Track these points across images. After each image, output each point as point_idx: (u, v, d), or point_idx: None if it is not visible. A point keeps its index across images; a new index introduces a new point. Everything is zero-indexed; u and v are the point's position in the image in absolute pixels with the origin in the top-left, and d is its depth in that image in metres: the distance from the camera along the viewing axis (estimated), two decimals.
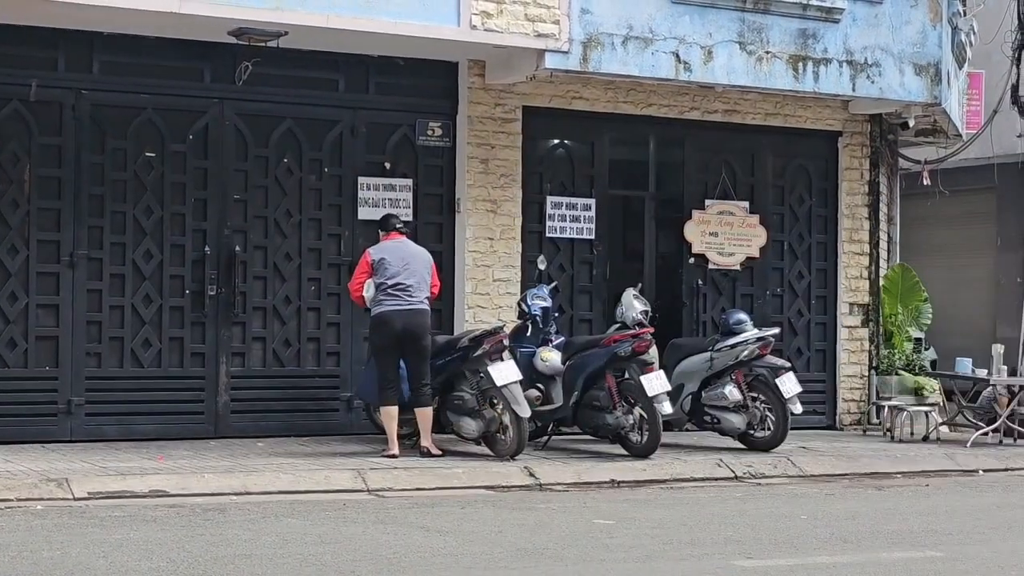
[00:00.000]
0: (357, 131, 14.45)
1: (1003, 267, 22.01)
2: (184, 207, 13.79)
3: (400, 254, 12.81)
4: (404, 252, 12.85)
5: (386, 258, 12.75)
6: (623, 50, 14.23)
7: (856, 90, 15.52)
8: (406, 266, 12.75)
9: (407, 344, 12.72)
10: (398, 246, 12.91)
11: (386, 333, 12.70)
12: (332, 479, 11.53)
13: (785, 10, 14.99)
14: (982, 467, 14.21)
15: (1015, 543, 9.76)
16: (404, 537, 9.30)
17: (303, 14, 12.83)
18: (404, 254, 12.83)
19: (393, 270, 12.69)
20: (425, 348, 12.84)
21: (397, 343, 12.70)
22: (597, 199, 15.54)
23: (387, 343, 12.72)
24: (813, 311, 16.73)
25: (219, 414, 13.85)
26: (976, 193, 22.01)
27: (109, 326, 13.51)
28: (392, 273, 12.68)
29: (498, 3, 13.54)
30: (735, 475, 12.97)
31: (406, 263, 12.76)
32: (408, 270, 12.74)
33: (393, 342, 12.70)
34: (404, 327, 12.64)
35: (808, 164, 16.75)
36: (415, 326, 12.70)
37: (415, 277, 12.76)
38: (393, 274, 12.68)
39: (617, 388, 13.18)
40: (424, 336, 12.81)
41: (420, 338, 12.76)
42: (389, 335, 12.69)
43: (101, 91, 13.45)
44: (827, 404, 16.77)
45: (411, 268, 12.76)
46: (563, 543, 9.20)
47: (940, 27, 15.95)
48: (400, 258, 12.77)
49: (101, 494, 10.62)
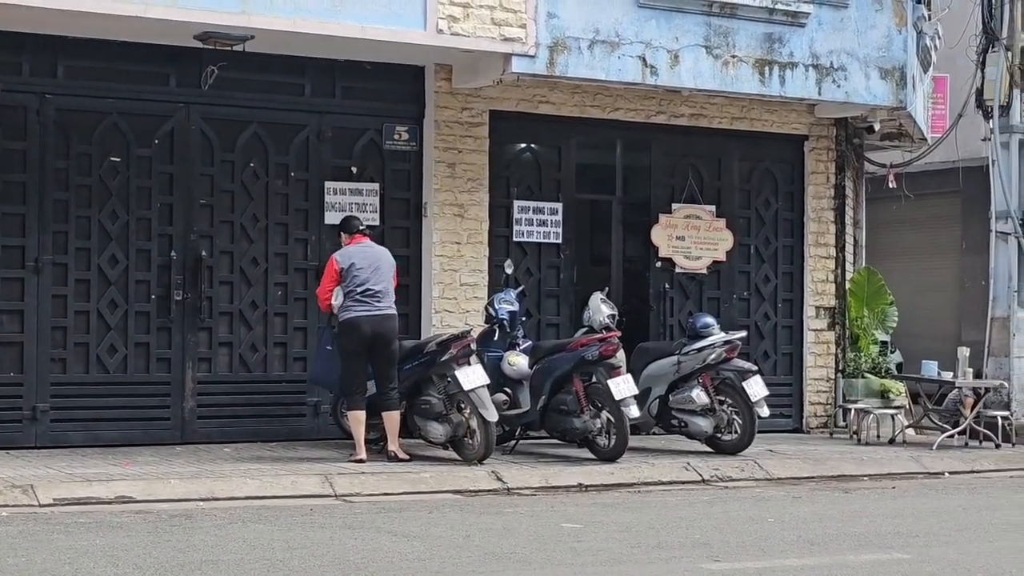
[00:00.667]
0: (324, 135, 14.43)
1: (968, 270, 22.12)
2: (150, 212, 13.73)
3: (367, 259, 12.78)
4: (371, 256, 12.83)
5: (355, 263, 12.72)
6: (590, 54, 14.24)
7: (822, 94, 15.57)
8: (375, 271, 12.73)
9: (376, 349, 12.71)
10: (364, 250, 12.87)
11: (355, 338, 12.68)
12: (299, 484, 11.51)
13: (751, 14, 15.03)
14: (948, 469, 14.28)
15: (981, 545, 9.81)
16: (371, 542, 9.29)
17: (269, 18, 12.80)
18: (371, 258, 12.80)
19: (363, 276, 12.67)
20: (393, 353, 12.82)
21: (366, 348, 12.69)
22: (564, 203, 15.55)
23: (356, 348, 12.70)
24: (780, 314, 16.78)
25: (185, 420, 13.80)
26: (941, 197, 22.12)
27: (74, 332, 13.44)
28: (362, 280, 12.66)
29: (464, 7, 13.54)
30: (702, 478, 12.99)
31: (374, 267, 12.74)
32: (377, 274, 12.73)
33: (362, 347, 12.68)
34: (373, 332, 12.63)
35: (774, 168, 16.80)
36: (385, 331, 12.69)
37: (383, 282, 12.75)
38: (363, 280, 12.66)
39: (584, 392, 13.19)
40: (393, 341, 12.79)
41: (389, 343, 12.75)
42: (358, 340, 12.67)
43: (66, 95, 13.39)
44: (794, 407, 16.82)
45: (380, 272, 12.76)
46: (531, 547, 9.20)
47: (905, 31, 16.02)
48: (368, 263, 12.75)
49: (67, 500, 10.57)
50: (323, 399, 14.18)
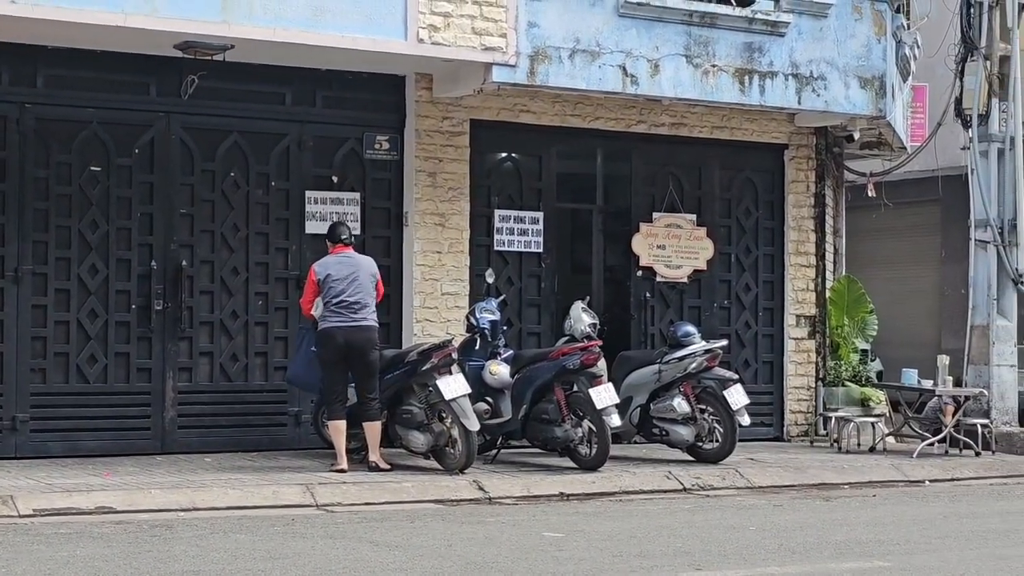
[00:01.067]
0: (304, 145, 14.42)
1: (948, 278, 22.20)
2: (130, 221, 13.71)
3: (345, 270, 12.76)
4: (349, 267, 12.81)
5: (331, 274, 12.72)
6: (570, 63, 14.26)
7: (802, 103, 15.61)
8: (352, 281, 12.71)
9: (353, 359, 12.71)
10: (342, 260, 12.85)
11: (331, 348, 12.70)
12: (280, 494, 11.48)
13: (731, 24, 15.07)
14: (928, 477, 14.31)
15: (961, 552, 9.83)
16: (353, 552, 9.27)
17: (250, 27, 12.78)
18: (349, 269, 12.78)
19: (338, 287, 12.66)
20: (371, 363, 12.81)
21: (343, 358, 12.69)
22: (545, 212, 15.56)
23: (332, 358, 12.72)
24: (760, 323, 16.80)
25: (166, 430, 13.76)
26: (921, 205, 22.20)
27: (54, 342, 13.40)
28: (337, 291, 12.65)
29: (445, 17, 13.55)
30: (684, 487, 13.00)
31: (352, 278, 12.72)
32: (354, 285, 12.70)
33: (338, 357, 12.69)
34: (347, 342, 12.62)
35: (754, 177, 16.83)
36: (360, 341, 12.67)
37: (360, 292, 12.71)
38: (338, 292, 12.65)
39: (566, 401, 13.19)
40: (370, 351, 12.77)
41: (365, 353, 12.74)
42: (333, 350, 12.68)
43: (46, 105, 13.36)
44: (775, 415, 16.84)
45: (358, 282, 12.73)
46: (513, 556, 9.20)
47: (885, 41, 16.08)
48: (345, 275, 12.73)
49: (47, 511, 10.53)
50: (304, 408, 14.17)
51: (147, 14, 12.36)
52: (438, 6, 13.50)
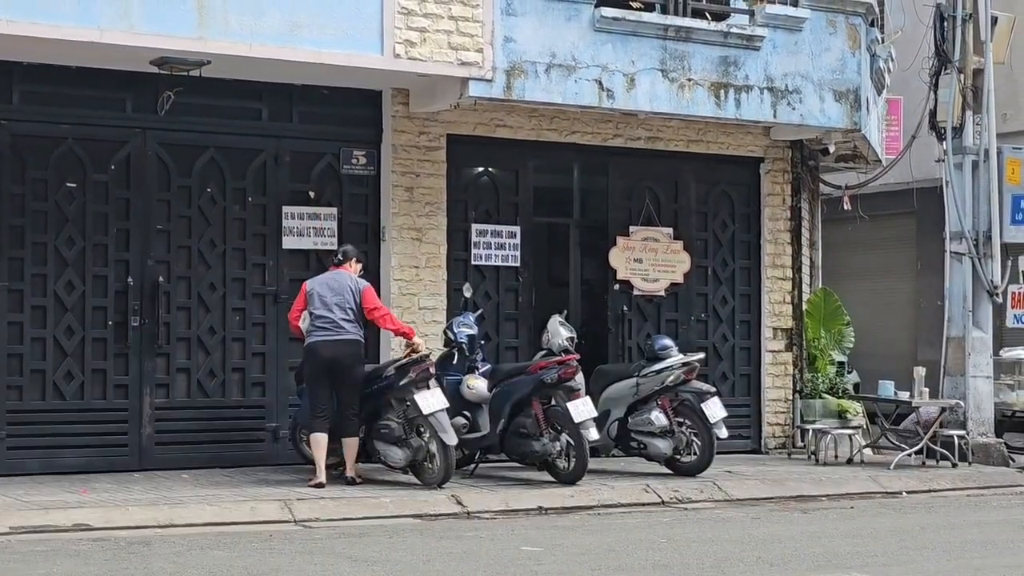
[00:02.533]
0: (281, 160, 14.41)
1: (924, 290, 22.29)
2: (106, 238, 13.68)
3: (332, 287, 12.83)
4: (336, 285, 12.86)
5: (316, 290, 12.83)
6: (546, 78, 14.29)
7: (777, 116, 15.67)
8: (336, 298, 12.76)
9: (337, 374, 12.74)
10: (331, 278, 12.94)
11: (314, 363, 12.79)
12: (258, 510, 11.46)
13: (706, 38, 15.11)
14: (905, 489, 14.35)
15: (939, 564, 9.86)
16: (331, 567, 9.26)
17: (226, 43, 12.77)
18: (336, 287, 12.84)
19: (317, 303, 12.75)
20: (355, 379, 12.84)
21: (326, 372, 12.73)
22: (522, 226, 15.58)
23: (315, 372, 12.79)
24: (737, 336, 16.84)
25: (143, 446, 13.72)
26: (896, 217, 22.29)
27: (31, 358, 13.36)
28: (317, 305, 12.75)
29: (421, 32, 13.56)
30: (662, 500, 13.01)
31: (337, 295, 12.77)
32: (337, 301, 12.75)
33: (321, 371, 12.74)
34: (331, 357, 12.68)
35: (731, 190, 16.88)
36: (343, 356, 12.72)
37: (342, 310, 12.76)
38: (319, 306, 12.74)
39: (544, 415, 13.20)
40: (353, 367, 12.81)
41: (349, 368, 12.77)
42: (317, 364, 12.76)
43: (21, 121, 13.33)
44: (752, 428, 16.87)
45: (343, 300, 12.77)
46: (491, 571, 9.19)
47: (859, 54, 16.15)
48: (331, 291, 12.79)
49: (24, 528, 10.49)
50: (282, 424, 14.15)
51: (123, 30, 12.34)
52: (414, 21, 13.51)
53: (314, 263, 14.42)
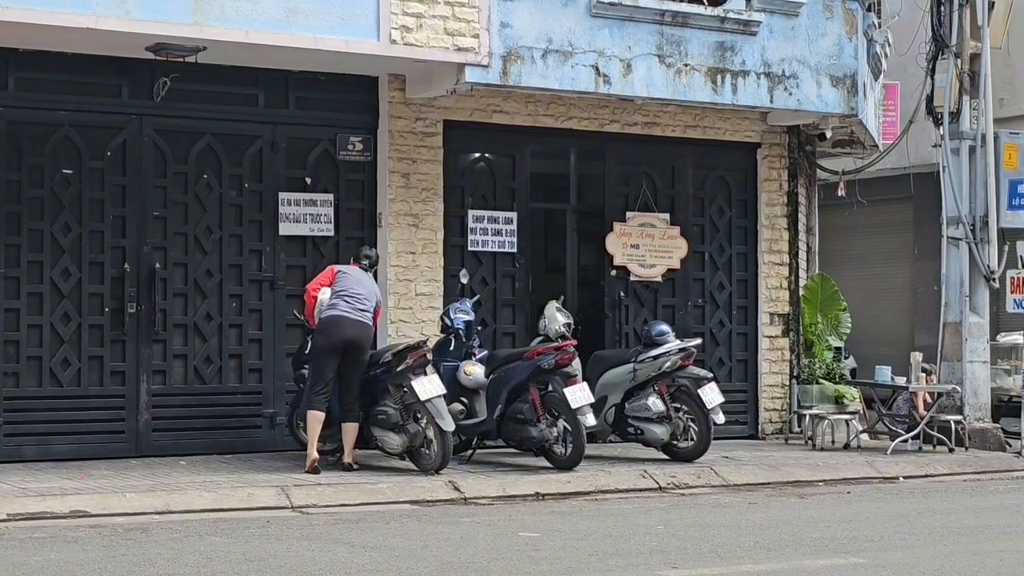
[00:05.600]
0: (277, 146, 14.40)
1: (920, 276, 22.27)
2: (103, 224, 13.67)
3: (361, 282, 12.95)
4: (366, 282, 13.01)
5: (343, 271, 12.95)
6: (543, 64, 14.27)
7: (774, 102, 15.66)
8: (364, 287, 12.88)
9: (349, 353, 12.70)
10: (363, 276, 13.06)
11: (332, 336, 12.67)
12: (255, 496, 11.47)
13: (703, 23, 15.10)
14: (902, 474, 14.37)
15: (935, 548, 9.87)
16: (329, 553, 9.27)
17: (222, 29, 12.76)
18: (366, 284, 12.99)
19: (351, 283, 12.83)
20: (363, 363, 12.84)
21: (340, 349, 12.68)
22: (519, 212, 15.57)
23: (330, 346, 12.68)
24: (734, 321, 16.84)
25: (140, 433, 13.73)
26: (893, 203, 22.26)
27: (27, 345, 13.35)
28: (350, 284, 12.83)
29: (417, 18, 13.54)
30: (659, 486, 13.03)
31: (365, 289, 12.88)
32: (364, 290, 12.85)
33: (336, 346, 12.67)
34: (353, 334, 12.67)
35: (727, 175, 16.87)
36: (362, 337, 12.77)
37: (365, 298, 12.81)
38: (352, 284, 12.83)
39: (541, 401, 13.20)
40: (365, 350, 12.84)
41: (361, 351, 12.79)
42: (334, 338, 12.65)
43: (17, 108, 13.31)
44: (749, 414, 16.88)
45: (368, 289, 12.89)
46: (488, 557, 9.20)
47: (856, 39, 16.14)
48: (360, 283, 12.91)
49: (21, 515, 10.50)
50: (279, 410, 14.16)
51: (119, 16, 12.33)
52: (410, 7, 13.50)
53: (311, 249, 14.42)
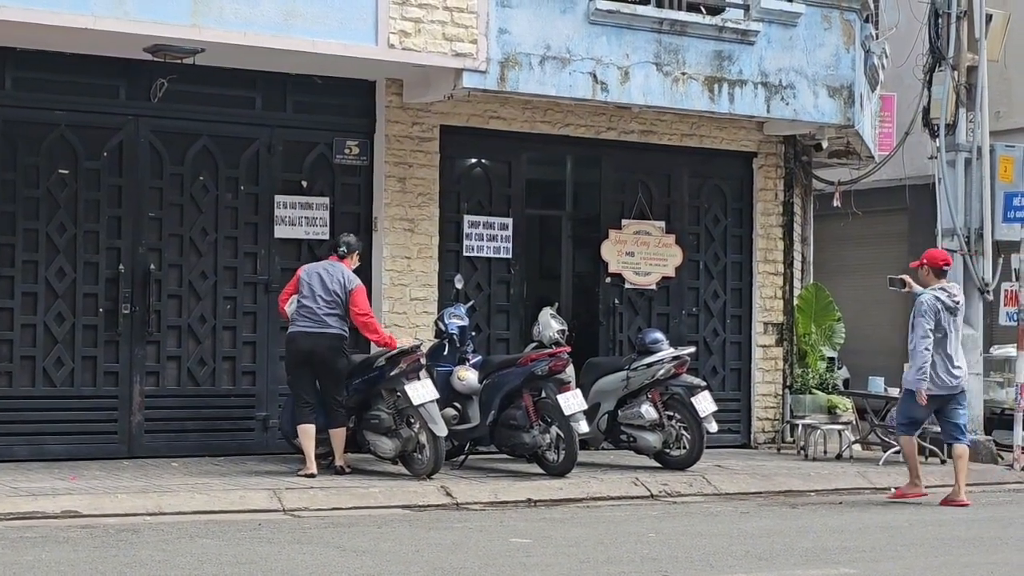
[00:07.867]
0: (274, 149, 14.40)
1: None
2: (98, 225, 13.66)
3: (323, 277, 12.78)
4: (327, 276, 12.81)
5: (307, 279, 12.80)
6: (540, 70, 14.28)
7: (771, 111, 15.68)
8: (326, 290, 12.72)
9: (317, 365, 12.75)
10: (325, 269, 12.88)
11: (292, 352, 12.86)
12: (248, 499, 11.46)
13: (701, 32, 15.12)
14: (894, 484, 14.34)
15: (927, 559, 9.88)
16: (320, 557, 9.26)
17: (220, 31, 12.76)
18: (327, 278, 12.79)
19: (306, 291, 12.75)
20: (334, 371, 12.81)
21: (305, 363, 12.75)
22: (514, 218, 15.57)
23: (294, 362, 12.85)
24: (728, 330, 16.85)
25: (133, 434, 13.72)
26: (888, 214, 22.30)
27: (21, 345, 13.34)
28: (306, 294, 12.76)
29: (416, 22, 13.55)
30: (651, 494, 13.03)
31: (324, 287, 12.73)
32: (326, 294, 12.71)
33: (300, 361, 12.78)
34: (309, 349, 12.72)
35: (723, 184, 16.89)
36: (321, 349, 12.72)
37: (328, 304, 12.70)
38: (307, 295, 12.75)
39: (534, 407, 13.21)
40: (332, 359, 12.77)
41: (326, 360, 12.76)
42: (295, 354, 12.83)
43: (14, 107, 13.30)
44: (742, 423, 16.89)
45: (332, 292, 12.74)
46: (480, 562, 9.20)
47: (853, 50, 16.16)
48: (322, 281, 12.76)
49: (12, 515, 10.48)
50: (272, 413, 14.15)
51: (117, 17, 12.33)
52: (409, 12, 13.50)
53: (306, 252, 14.42)
